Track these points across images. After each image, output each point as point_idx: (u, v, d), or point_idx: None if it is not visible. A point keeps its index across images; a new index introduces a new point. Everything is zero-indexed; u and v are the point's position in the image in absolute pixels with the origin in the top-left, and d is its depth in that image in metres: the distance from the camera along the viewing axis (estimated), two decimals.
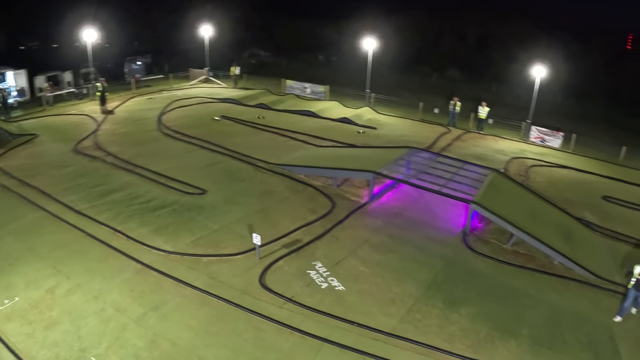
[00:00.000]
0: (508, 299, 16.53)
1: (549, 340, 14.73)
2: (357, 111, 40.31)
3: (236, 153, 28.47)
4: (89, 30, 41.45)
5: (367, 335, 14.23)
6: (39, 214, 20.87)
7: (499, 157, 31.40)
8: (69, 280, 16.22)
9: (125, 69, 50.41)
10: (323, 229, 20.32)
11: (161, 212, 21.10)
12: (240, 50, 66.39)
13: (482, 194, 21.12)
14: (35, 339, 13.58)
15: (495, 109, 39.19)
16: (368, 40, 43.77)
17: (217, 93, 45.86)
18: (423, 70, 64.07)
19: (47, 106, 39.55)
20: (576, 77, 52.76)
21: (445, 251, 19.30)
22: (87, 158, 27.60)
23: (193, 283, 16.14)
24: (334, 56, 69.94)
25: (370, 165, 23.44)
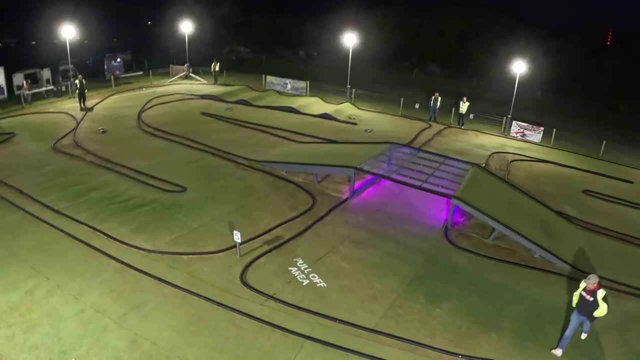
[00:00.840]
0: (489, 293, 16.65)
1: (531, 333, 14.86)
2: (337, 107, 40.39)
3: (216, 150, 28.44)
4: (68, 27, 41.19)
5: (349, 332, 14.25)
6: (17, 215, 20.64)
7: (480, 152, 31.62)
8: (49, 281, 16.07)
9: (105, 66, 50.06)
10: (304, 225, 20.34)
11: (141, 211, 20.98)
12: (220, 46, 66.26)
13: (463, 189, 21.22)
14: (15, 342, 13.44)
15: (475, 104, 39.43)
16: (348, 36, 43.86)
17: (197, 89, 45.70)
18: (403, 66, 64.30)
19: (25, 104, 39.19)
20: (555, 72, 53.33)
21: (426, 246, 19.39)
22: (66, 157, 27.39)
23: (173, 282, 16.07)
24: (315, 52, 69.91)
25: (351, 161, 23.46)
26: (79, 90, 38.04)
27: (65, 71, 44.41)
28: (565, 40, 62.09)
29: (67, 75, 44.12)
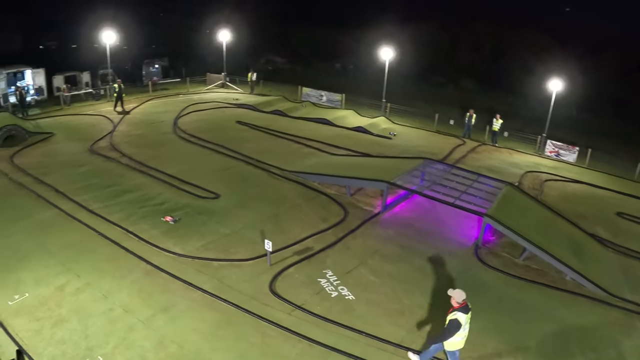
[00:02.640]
0: (517, 312, 16.31)
1: (557, 355, 14.46)
2: (372, 120, 40.26)
3: (250, 158, 28.50)
4: (108, 32, 41.80)
5: (374, 345, 14.06)
6: (52, 212, 20.97)
7: (513, 171, 31.19)
8: (79, 278, 16.25)
9: (143, 72, 50.66)
10: (335, 237, 20.20)
11: (173, 215, 21.09)
12: (256, 56, 66.61)
13: (495, 207, 20.92)
14: (43, 336, 13.59)
15: (510, 121, 38.99)
16: (385, 50, 43.80)
17: (233, 98, 45.95)
18: (438, 81, 63.91)
19: (64, 106, 39.84)
20: (591, 90, 52.40)
21: (456, 263, 19.10)
22: (101, 158, 27.77)
23: (202, 286, 16.09)
24: (351, 65, 69.95)
25: (384, 175, 23.32)
26: (117, 94, 38.68)
27: (104, 75, 45.08)
28: (601, 58, 61.12)
29: (106, 79, 44.78)
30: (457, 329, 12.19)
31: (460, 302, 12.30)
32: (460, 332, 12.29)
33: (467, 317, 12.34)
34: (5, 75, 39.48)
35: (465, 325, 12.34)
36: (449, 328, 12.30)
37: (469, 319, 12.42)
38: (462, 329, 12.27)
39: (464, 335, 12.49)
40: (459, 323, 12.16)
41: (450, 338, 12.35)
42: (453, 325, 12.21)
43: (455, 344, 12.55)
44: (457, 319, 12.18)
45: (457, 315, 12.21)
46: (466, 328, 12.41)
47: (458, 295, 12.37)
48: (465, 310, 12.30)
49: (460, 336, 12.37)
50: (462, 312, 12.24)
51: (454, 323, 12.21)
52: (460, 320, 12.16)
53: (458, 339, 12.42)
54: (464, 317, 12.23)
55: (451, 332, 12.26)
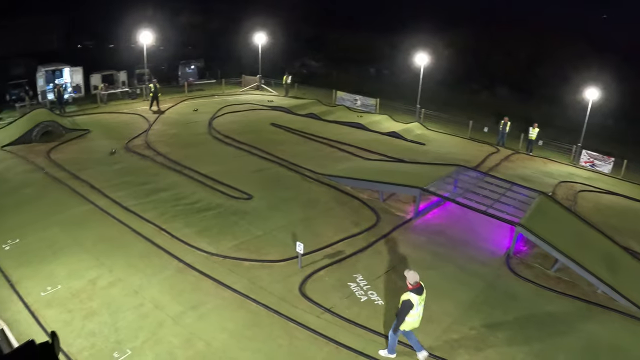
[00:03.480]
0: (547, 325, 15.97)
1: None
2: (406, 126, 40.09)
3: (283, 161, 28.55)
4: (145, 33, 42.36)
5: (402, 351, 13.87)
6: (86, 207, 21.28)
7: (547, 180, 30.74)
8: (111, 273, 16.43)
9: (179, 72, 51.18)
10: (366, 242, 20.08)
11: (206, 214, 21.23)
12: (291, 59, 66.77)
13: (528, 217, 20.61)
14: (73, 327, 13.77)
15: (544, 130, 38.48)
16: (420, 56, 43.62)
17: (267, 100, 46.18)
18: (472, 88, 63.33)
19: (100, 103, 40.44)
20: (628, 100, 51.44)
21: (487, 272, 18.81)
22: (137, 156, 28.07)
23: (233, 286, 16.14)
24: (386, 69, 69.74)
25: (417, 181, 23.17)
26: (153, 94, 39.13)
27: (141, 75, 45.71)
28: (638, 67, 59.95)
29: (142, 78, 45.37)
30: (410, 308, 12.66)
31: (413, 283, 12.75)
32: (414, 312, 12.77)
33: (420, 298, 12.78)
34: (44, 72, 40.28)
35: (419, 306, 12.80)
36: (403, 308, 12.74)
37: (421, 300, 12.86)
38: (415, 309, 12.73)
39: (418, 315, 12.97)
40: (412, 303, 12.64)
41: (404, 318, 12.78)
42: (406, 306, 12.68)
43: (409, 324, 13.01)
44: (410, 300, 12.65)
45: (410, 295, 12.67)
46: (419, 309, 12.87)
47: (412, 276, 12.80)
48: (418, 291, 12.76)
49: (413, 316, 12.85)
50: (414, 293, 12.70)
51: (406, 303, 12.68)
52: (413, 301, 12.63)
53: (412, 319, 12.89)
54: (417, 297, 12.69)
55: (404, 312, 12.72)
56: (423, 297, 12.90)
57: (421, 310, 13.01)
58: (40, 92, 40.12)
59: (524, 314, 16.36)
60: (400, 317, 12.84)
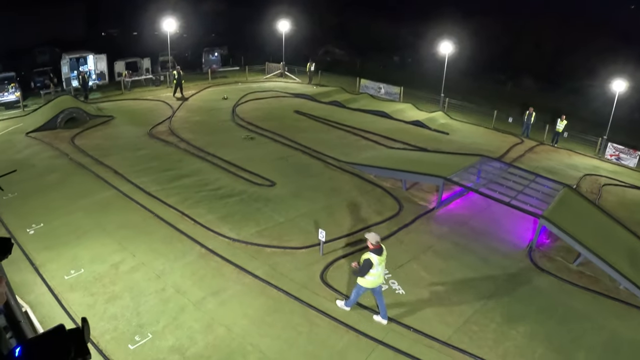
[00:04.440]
0: (568, 320, 15.72)
1: None
2: (430, 115, 39.79)
3: (307, 148, 28.53)
4: (169, 20, 42.57)
5: (421, 341, 13.81)
6: (110, 193, 21.48)
7: (572, 173, 30.29)
8: (134, 258, 16.57)
9: (203, 59, 51.31)
10: (388, 231, 19.93)
11: (229, 201, 21.29)
12: (315, 47, 66.56)
13: (552, 209, 20.30)
14: (96, 310, 13.93)
15: (570, 122, 37.97)
16: (444, 44, 43.27)
17: (291, 88, 46.20)
18: (497, 78, 62.65)
19: (124, 90, 40.75)
20: None
21: (508, 264, 18.58)
22: (160, 142, 28.24)
23: (254, 272, 16.17)
24: (409, 58, 69.27)
25: (440, 171, 22.98)
26: (176, 81, 39.26)
27: (165, 62, 46.01)
28: None
29: (166, 65, 45.67)
30: (369, 267, 13.40)
31: (374, 243, 13.46)
32: (374, 272, 13.49)
33: (380, 258, 13.47)
34: (69, 60, 40.63)
35: (378, 266, 13.48)
36: (363, 267, 13.50)
37: (381, 260, 13.54)
38: (375, 269, 13.43)
39: (377, 275, 13.65)
40: (371, 262, 13.37)
41: (364, 275, 13.55)
42: (366, 264, 13.43)
43: (370, 282, 13.75)
44: (370, 259, 13.38)
45: (370, 255, 13.42)
46: (379, 269, 13.54)
47: (372, 237, 13.52)
48: (378, 252, 13.47)
49: (373, 276, 13.58)
50: (374, 254, 13.42)
51: (366, 262, 13.43)
52: (373, 260, 13.36)
53: (371, 278, 13.63)
54: (377, 258, 13.39)
55: (364, 270, 13.48)
56: (383, 257, 13.59)
57: (381, 271, 13.73)
58: (64, 79, 40.53)
59: (545, 307, 16.15)
60: (360, 274, 13.60)
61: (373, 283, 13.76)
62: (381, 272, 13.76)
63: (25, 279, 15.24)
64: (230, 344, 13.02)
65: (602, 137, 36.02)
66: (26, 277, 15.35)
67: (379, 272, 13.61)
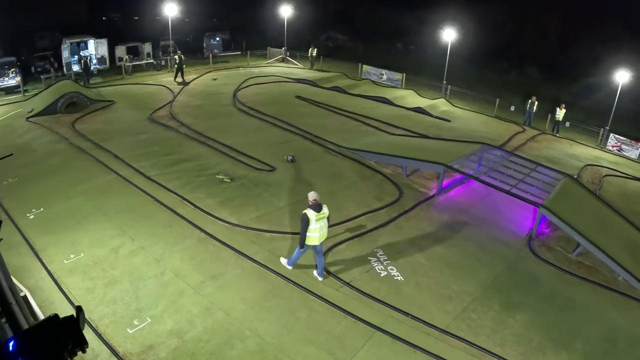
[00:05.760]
0: (566, 310, 15.68)
1: (602, 358, 13.85)
2: (432, 102, 39.74)
3: (307, 133, 28.48)
4: (170, 5, 42.46)
5: (420, 328, 13.81)
6: (110, 177, 21.45)
7: (573, 163, 30.22)
8: (133, 242, 16.56)
9: (204, 44, 51.18)
10: (388, 217, 19.92)
11: (229, 185, 21.25)
12: (318, 32, 66.35)
13: (552, 199, 20.24)
14: (95, 295, 13.93)
15: (572, 111, 37.86)
16: (448, 31, 43.10)
17: (293, 73, 46.11)
18: (501, 66, 62.38)
19: (125, 75, 40.68)
20: None
21: (508, 253, 18.53)
22: (161, 127, 28.21)
23: (253, 257, 16.16)
24: (412, 45, 69.00)
25: (441, 158, 22.93)
26: (177, 65, 39.21)
27: (166, 46, 45.93)
28: None
29: (167, 50, 45.56)
30: (307, 222, 14.14)
31: (312, 200, 14.32)
32: (312, 227, 14.22)
33: (317, 215, 14.19)
34: (69, 44, 40.54)
35: (317, 223, 14.23)
36: (301, 222, 14.32)
37: (319, 217, 14.25)
38: (313, 224, 14.17)
39: (319, 231, 14.38)
40: (307, 217, 14.11)
41: (305, 232, 14.33)
42: (303, 220, 14.23)
43: (311, 239, 14.45)
44: (306, 214, 14.15)
45: (307, 211, 14.19)
46: (318, 225, 14.30)
47: (311, 195, 14.46)
48: (315, 208, 14.22)
49: (313, 231, 14.31)
50: (311, 209, 14.18)
51: (303, 217, 14.21)
52: (309, 215, 14.12)
53: (313, 234, 14.36)
54: (313, 213, 14.14)
55: (302, 225, 14.29)
56: (322, 215, 14.32)
57: (322, 227, 14.43)
58: (65, 64, 40.45)
59: (543, 297, 16.13)
60: (301, 231, 14.41)
61: (312, 239, 14.44)
62: (322, 229, 14.47)
63: (25, 264, 15.24)
64: (228, 328, 13.04)
65: (604, 128, 35.95)
66: (26, 262, 15.35)
67: (319, 228, 14.33)
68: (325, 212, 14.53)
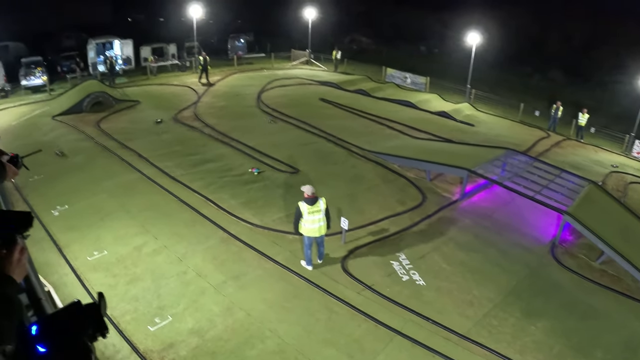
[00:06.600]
0: (587, 318, 15.45)
1: None
2: (456, 106, 39.45)
3: (331, 136, 28.41)
4: (195, 6, 42.75)
5: (439, 333, 13.72)
6: (134, 176, 21.68)
7: (597, 169, 29.70)
8: (156, 240, 16.73)
9: (228, 45, 51.37)
10: (411, 221, 19.81)
11: (252, 186, 21.35)
12: (341, 34, 66.28)
13: (576, 206, 19.96)
14: (117, 291, 14.11)
15: (597, 117, 37.35)
16: (472, 35, 42.83)
17: (317, 75, 46.11)
18: (525, 70, 61.79)
19: (150, 75, 41.01)
20: None
21: (530, 259, 18.30)
22: (185, 127, 28.38)
23: (275, 257, 16.23)
24: (436, 48, 68.67)
25: (465, 163, 22.77)
26: (202, 66, 39.47)
27: (190, 48, 46.10)
28: None
29: (191, 51, 45.76)
30: (299, 214, 14.82)
31: (309, 194, 14.81)
32: (306, 219, 14.80)
33: (310, 207, 14.75)
34: (95, 45, 40.99)
35: (309, 215, 14.78)
36: (295, 214, 15.04)
37: (313, 210, 14.79)
38: (306, 216, 14.75)
39: (312, 223, 14.94)
40: (299, 209, 14.76)
41: (298, 222, 15.05)
42: (296, 211, 14.93)
43: (306, 230, 15.04)
44: (299, 206, 14.80)
45: (300, 203, 14.81)
46: (311, 218, 14.84)
47: (307, 189, 14.91)
48: (309, 202, 14.76)
49: (311, 223, 14.89)
50: (305, 202, 14.75)
51: (297, 209, 14.89)
52: (301, 208, 14.74)
53: (309, 226, 14.95)
54: (306, 206, 14.71)
55: (295, 216, 15.03)
56: (316, 208, 14.83)
57: (317, 220, 14.95)
58: (90, 64, 40.89)
59: (565, 304, 15.90)
60: (294, 221, 15.21)
61: (311, 231, 15.02)
62: (318, 222, 14.97)
63: (49, 260, 15.46)
64: (249, 328, 13.10)
65: (630, 134, 35.39)
66: (50, 258, 15.57)
67: (311, 220, 14.86)
68: (322, 206, 14.98)
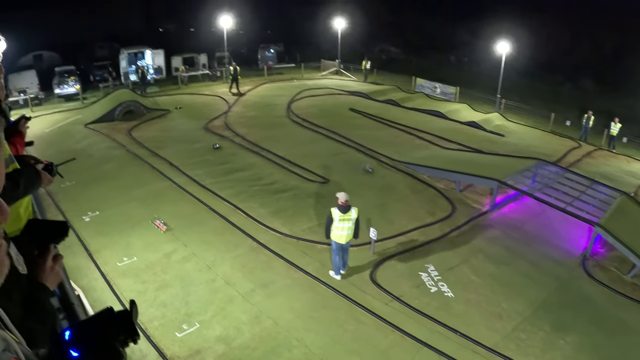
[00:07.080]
0: (618, 333, 15.14)
1: None
2: (486, 116, 39.17)
3: (360, 146, 28.38)
4: (225, 17, 43.15)
5: (467, 346, 13.57)
6: (165, 184, 21.91)
7: (630, 180, 29.09)
8: (186, 248, 16.88)
9: (259, 56, 51.68)
10: (440, 232, 19.68)
11: (282, 196, 21.42)
12: (371, 44, 66.25)
13: (608, 218, 19.59)
14: (146, 297, 14.25)
15: (629, 126, 36.76)
16: (501, 44, 42.56)
17: (346, 85, 46.11)
18: (555, 79, 61.11)
19: (181, 85, 41.50)
20: None
21: (560, 272, 17.99)
22: (215, 136, 28.56)
23: (304, 267, 16.25)
24: (465, 57, 68.31)
25: (495, 173, 22.58)
26: (232, 76, 39.85)
27: (221, 58, 46.49)
28: None
29: (222, 61, 46.14)
30: (330, 220, 14.96)
31: (343, 201, 14.88)
32: (336, 225, 14.94)
33: (342, 215, 14.84)
34: (127, 55, 41.61)
35: (339, 223, 14.91)
36: (326, 219, 15.19)
37: (344, 218, 14.88)
38: (337, 223, 14.88)
39: (341, 230, 15.05)
40: (331, 216, 14.90)
41: (329, 228, 15.14)
42: (328, 217, 15.11)
43: (335, 236, 15.17)
44: (331, 212, 14.93)
45: (333, 209, 14.95)
46: (341, 226, 14.98)
47: (342, 196, 14.99)
48: (342, 209, 14.86)
49: (339, 229, 15.01)
50: (338, 210, 14.85)
51: (328, 215, 15.05)
52: (333, 214, 14.86)
53: (336, 232, 15.07)
54: (337, 213, 14.82)
55: (327, 222, 15.18)
56: (347, 217, 14.90)
57: (346, 228, 15.03)
58: (122, 73, 41.53)
59: (595, 318, 15.62)
60: (325, 226, 15.31)
61: (339, 237, 15.09)
62: (347, 229, 15.04)
63: (80, 264, 15.68)
64: (276, 336, 13.13)
65: None
66: (80, 262, 15.80)
67: (341, 227, 14.95)
68: (353, 215, 15.02)
